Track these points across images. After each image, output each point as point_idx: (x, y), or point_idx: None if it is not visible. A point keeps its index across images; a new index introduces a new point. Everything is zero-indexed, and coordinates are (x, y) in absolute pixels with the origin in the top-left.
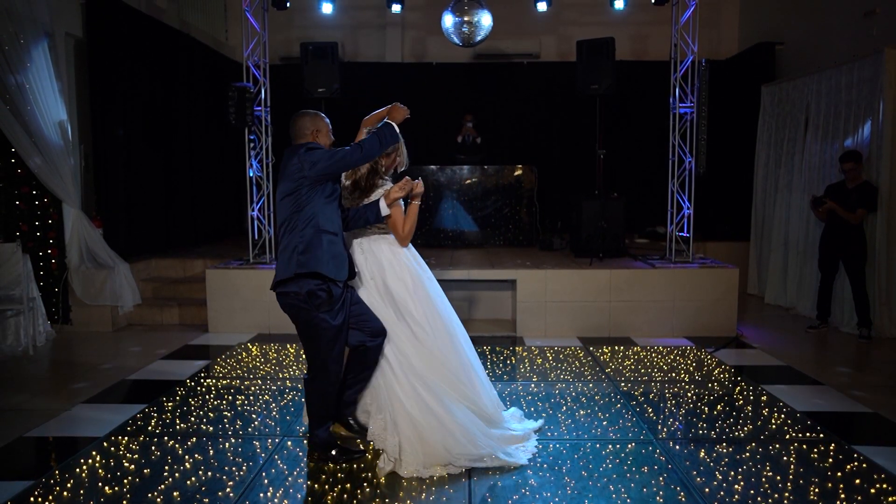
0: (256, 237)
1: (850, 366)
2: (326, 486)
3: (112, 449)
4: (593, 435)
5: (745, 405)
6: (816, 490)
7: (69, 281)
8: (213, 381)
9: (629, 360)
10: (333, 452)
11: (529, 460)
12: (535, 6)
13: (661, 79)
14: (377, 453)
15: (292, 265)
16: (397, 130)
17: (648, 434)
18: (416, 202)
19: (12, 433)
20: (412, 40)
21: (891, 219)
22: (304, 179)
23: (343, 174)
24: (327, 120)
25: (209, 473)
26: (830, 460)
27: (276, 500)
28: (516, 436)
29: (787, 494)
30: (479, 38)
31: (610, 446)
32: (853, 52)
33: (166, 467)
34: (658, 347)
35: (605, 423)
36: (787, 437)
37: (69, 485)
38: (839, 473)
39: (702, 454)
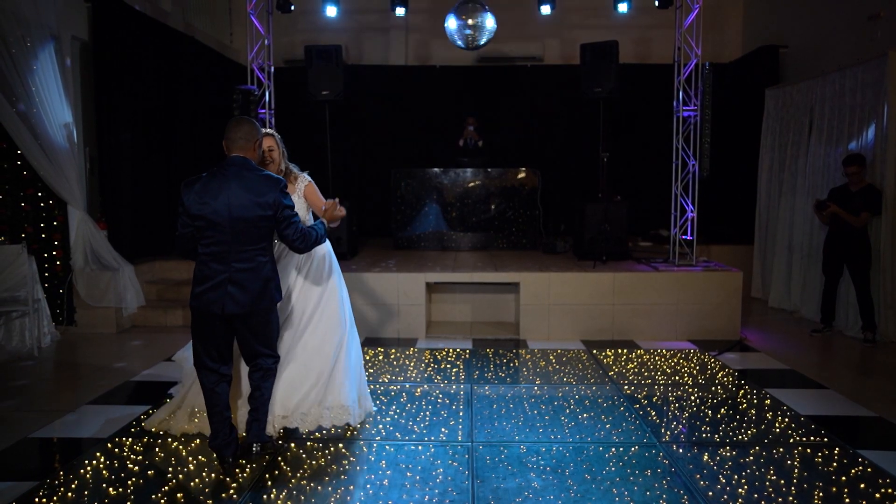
0: None
1: (854, 370)
2: (330, 488)
3: (116, 450)
4: (596, 438)
5: (749, 409)
6: (821, 494)
7: (74, 282)
8: None
9: (632, 364)
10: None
11: (532, 463)
12: (539, 9)
13: (665, 82)
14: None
15: (276, 294)
16: (324, 232)
17: (652, 437)
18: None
19: (17, 434)
20: (416, 43)
21: (895, 222)
22: (272, 217)
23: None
24: None
25: (212, 475)
26: (835, 464)
27: (279, 502)
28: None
29: (791, 499)
30: (482, 41)
31: (613, 449)
32: (857, 55)
33: (170, 469)
34: (661, 350)
35: (608, 426)
36: (791, 440)
37: (73, 486)
38: (843, 478)
39: (705, 458)
